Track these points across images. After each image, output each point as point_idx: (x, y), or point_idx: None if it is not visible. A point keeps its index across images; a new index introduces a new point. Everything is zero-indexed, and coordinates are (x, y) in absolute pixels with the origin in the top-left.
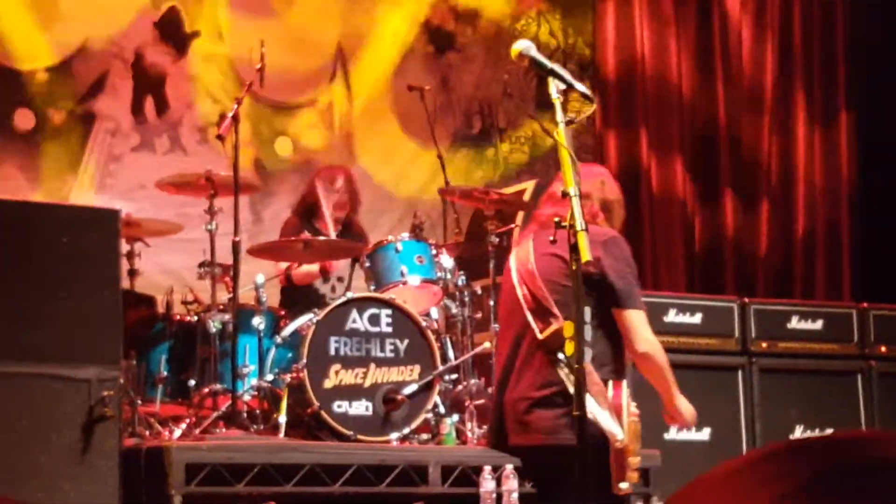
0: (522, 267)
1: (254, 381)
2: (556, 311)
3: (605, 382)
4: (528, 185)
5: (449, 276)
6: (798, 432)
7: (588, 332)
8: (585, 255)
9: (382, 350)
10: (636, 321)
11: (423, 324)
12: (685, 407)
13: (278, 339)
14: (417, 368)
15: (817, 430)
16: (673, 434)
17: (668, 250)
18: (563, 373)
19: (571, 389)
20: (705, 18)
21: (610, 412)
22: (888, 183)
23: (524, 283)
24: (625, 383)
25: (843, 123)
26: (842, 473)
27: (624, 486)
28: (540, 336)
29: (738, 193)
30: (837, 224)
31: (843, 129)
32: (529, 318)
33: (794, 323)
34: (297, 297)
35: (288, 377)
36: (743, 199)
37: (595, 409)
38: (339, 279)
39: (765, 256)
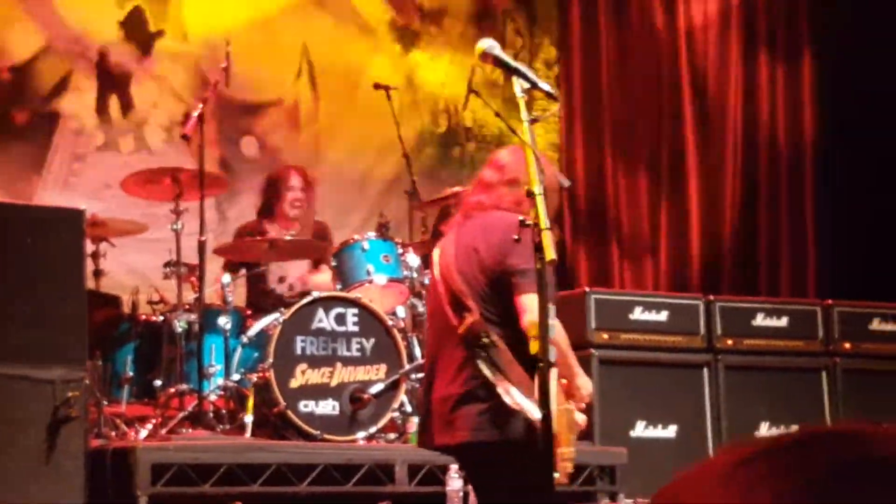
0: (443, 260)
1: (220, 381)
2: (470, 304)
3: (532, 371)
4: None
5: (415, 274)
6: (763, 429)
7: (498, 326)
8: (550, 253)
9: (349, 349)
10: (532, 304)
11: (390, 323)
12: (585, 385)
13: (244, 339)
14: (384, 367)
15: (782, 427)
16: (639, 431)
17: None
18: (483, 366)
19: (493, 380)
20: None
21: (536, 401)
22: (851, 176)
23: (443, 277)
24: (554, 371)
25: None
26: (850, 469)
27: (555, 475)
28: (458, 330)
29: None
30: (802, 218)
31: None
32: (448, 312)
33: (760, 320)
34: (256, 297)
35: (254, 377)
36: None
37: (520, 399)
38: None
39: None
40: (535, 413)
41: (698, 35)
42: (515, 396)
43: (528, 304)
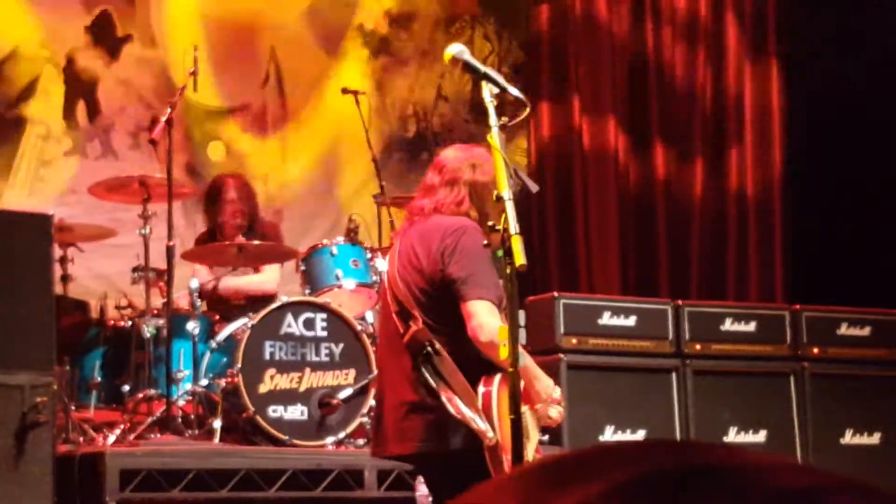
0: (390, 268)
1: (188, 386)
2: (415, 312)
3: (476, 382)
4: None
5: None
6: (732, 433)
7: (450, 331)
8: (520, 258)
9: (318, 354)
10: (478, 310)
11: (359, 328)
12: (546, 388)
13: (213, 344)
14: (353, 372)
15: (751, 432)
16: (608, 436)
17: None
18: (427, 375)
19: (436, 389)
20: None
21: (478, 410)
22: (820, 180)
23: (389, 285)
24: (496, 379)
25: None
26: (656, 481)
27: None
28: (403, 339)
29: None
30: (770, 223)
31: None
32: (395, 320)
33: (728, 325)
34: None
35: (223, 382)
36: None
37: (463, 409)
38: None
39: (699, 248)
40: (477, 424)
41: (665, 41)
42: (459, 406)
43: (473, 311)
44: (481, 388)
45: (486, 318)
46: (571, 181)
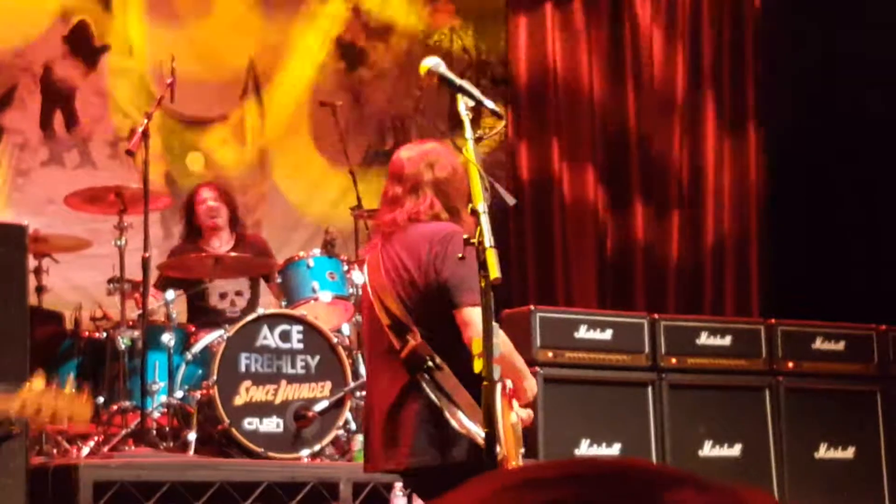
0: (375, 283)
1: (163, 398)
2: (413, 326)
3: (478, 394)
4: None
5: (361, 292)
6: (707, 447)
7: (447, 344)
8: (494, 272)
9: (293, 367)
10: (474, 317)
11: (335, 340)
12: (532, 387)
13: (188, 356)
14: (328, 385)
15: (726, 445)
16: (584, 450)
17: (580, 261)
18: (428, 389)
19: (438, 404)
20: (616, 28)
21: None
22: (795, 195)
23: (379, 301)
24: (498, 388)
25: (752, 134)
26: None
27: None
28: (401, 354)
29: (649, 204)
30: (746, 238)
31: (752, 141)
32: (389, 335)
33: (704, 339)
34: (199, 314)
35: (198, 394)
36: (654, 210)
37: (467, 423)
38: (238, 293)
39: (676, 266)
40: (482, 436)
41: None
42: (462, 420)
43: (468, 318)
44: (483, 399)
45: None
46: (550, 194)
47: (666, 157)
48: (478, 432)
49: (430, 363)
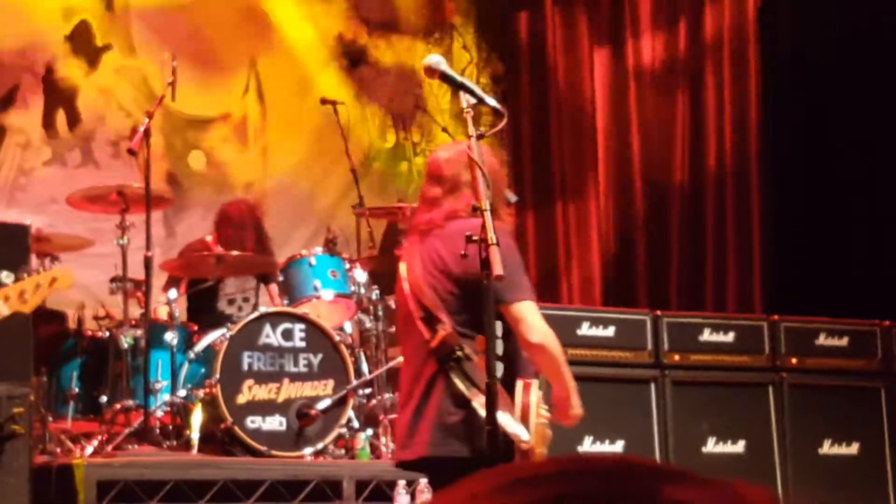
0: (411, 276)
1: (166, 397)
2: (443, 317)
3: (509, 384)
4: None
5: (363, 290)
6: (710, 444)
7: (478, 334)
8: (497, 269)
9: (296, 365)
10: (525, 312)
11: (337, 338)
12: (577, 406)
13: (191, 355)
14: (331, 383)
15: (729, 442)
16: (587, 447)
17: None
18: (457, 380)
19: (467, 394)
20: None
21: (514, 413)
22: (798, 191)
23: (413, 293)
24: (535, 383)
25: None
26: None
27: None
28: (431, 344)
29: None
30: (749, 234)
31: (753, 135)
32: (420, 327)
33: (706, 335)
34: (204, 316)
35: (201, 393)
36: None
37: (496, 414)
38: (245, 299)
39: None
40: (511, 427)
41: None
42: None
43: (520, 314)
44: (520, 397)
45: (536, 321)
46: (551, 190)
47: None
48: (507, 423)
49: (459, 353)
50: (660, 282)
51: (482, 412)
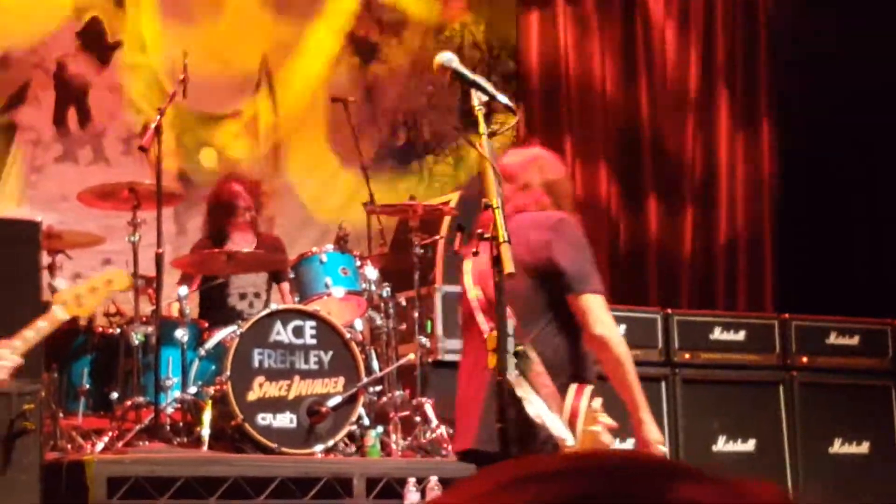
0: (476, 269)
1: (177, 394)
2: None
3: (566, 386)
4: (453, 197)
5: (373, 287)
6: (720, 443)
7: (539, 330)
8: (508, 266)
9: (307, 362)
10: (592, 304)
11: (348, 336)
12: (650, 426)
13: (202, 352)
14: (342, 380)
15: (739, 441)
16: None
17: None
18: (513, 375)
19: (519, 392)
20: (628, 24)
21: (562, 416)
22: (808, 190)
23: (480, 286)
24: (588, 388)
25: (765, 130)
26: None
27: None
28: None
29: (663, 199)
30: (760, 233)
31: (765, 136)
32: (481, 319)
33: (717, 334)
34: (215, 312)
35: (211, 390)
36: (667, 205)
37: (543, 413)
38: (256, 295)
39: (688, 262)
40: (556, 430)
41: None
42: (539, 409)
43: (588, 305)
44: (570, 400)
45: (602, 314)
46: None
47: (679, 152)
48: (553, 425)
49: (518, 348)
50: (671, 280)
51: (530, 409)
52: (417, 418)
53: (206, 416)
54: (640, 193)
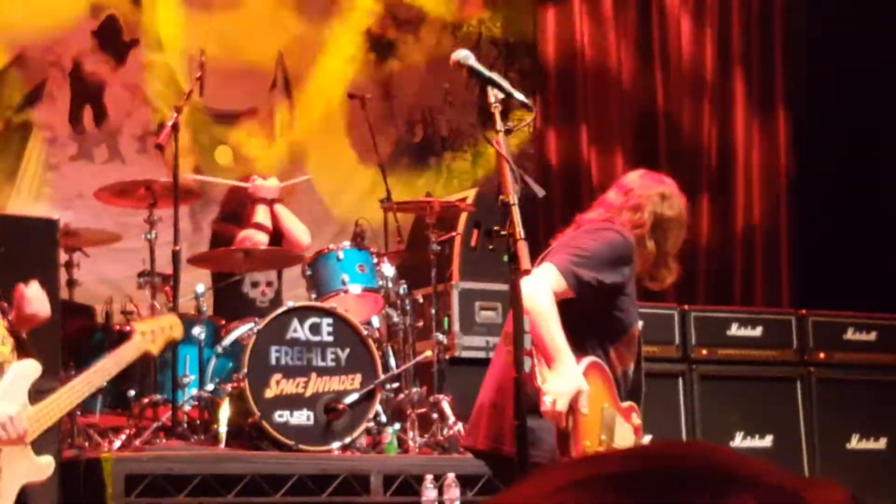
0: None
1: (194, 392)
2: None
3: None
4: (470, 193)
5: (390, 284)
6: (738, 439)
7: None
8: (525, 264)
9: (324, 359)
10: (542, 269)
11: (365, 333)
12: (553, 379)
13: (219, 349)
14: (359, 377)
15: (757, 436)
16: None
17: None
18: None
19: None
20: (644, 12)
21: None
22: (824, 178)
23: None
24: (584, 365)
25: (781, 117)
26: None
27: None
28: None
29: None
30: (776, 222)
31: (781, 124)
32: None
33: (734, 330)
34: (229, 301)
35: (228, 387)
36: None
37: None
38: (269, 283)
39: (705, 254)
40: (623, 441)
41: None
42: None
43: (543, 269)
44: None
45: (542, 278)
46: (578, 186)
47: (695, 140)
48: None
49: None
50: (687, 275)
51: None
52: (434, 415)
53: (224, 413)
54: None
